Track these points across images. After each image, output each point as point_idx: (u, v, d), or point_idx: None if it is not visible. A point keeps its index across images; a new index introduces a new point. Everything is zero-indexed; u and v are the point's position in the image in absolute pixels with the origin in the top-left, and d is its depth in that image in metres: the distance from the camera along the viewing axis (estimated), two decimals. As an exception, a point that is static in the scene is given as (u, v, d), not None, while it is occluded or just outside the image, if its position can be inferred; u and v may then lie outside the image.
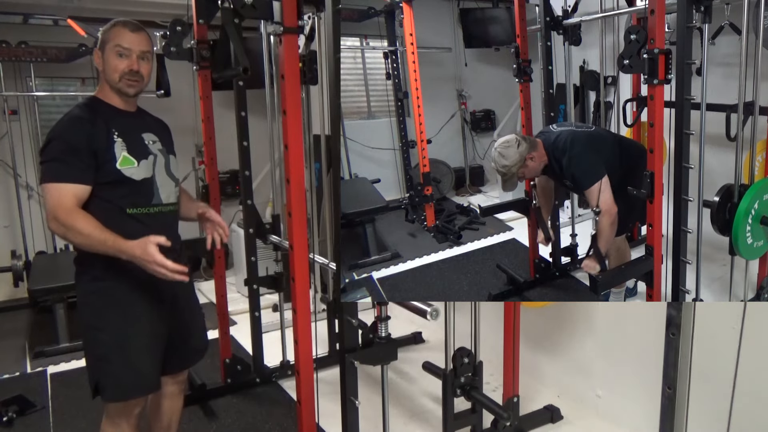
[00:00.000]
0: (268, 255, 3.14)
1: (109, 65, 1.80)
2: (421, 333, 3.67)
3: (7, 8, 4.07)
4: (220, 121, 2.95)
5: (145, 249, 1.61)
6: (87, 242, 1.67)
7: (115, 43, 1.79)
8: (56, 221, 1.66)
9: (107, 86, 1.84)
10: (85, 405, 2.88)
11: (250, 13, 2.02)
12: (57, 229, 1.67)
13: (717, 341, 2.17)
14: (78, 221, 1.66)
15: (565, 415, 2.74)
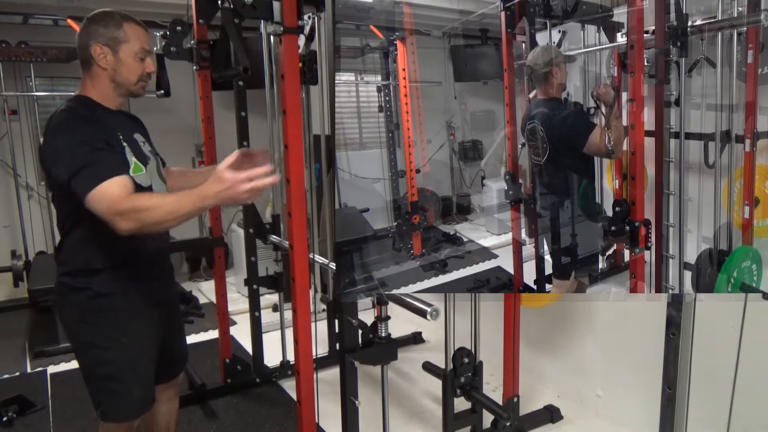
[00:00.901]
0: (268, 255, 3.14)
1: (126, 67, 1.68)
2: (421, 333, 3.67)
3: (7, 8, 4.07)
4: (220, 121, 2.95)
5: (223, 177, 1.45)
6: (165, 214, 1.48)
7: (138, 46, 1.68)
8: (123, 216, 1.46)
9: (106, 86, 1.69)
10: (85, 405, 2.85)
11: (250, 13, 2.01)
12: (128, 223, 1.47)
13: (717, 341, 2.17)
14: (142, 200, 1.50)
15: (565, 415, 2.74)
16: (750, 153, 2.89)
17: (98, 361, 1.73)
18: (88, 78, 1.70)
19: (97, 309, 1.70)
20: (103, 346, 1.71)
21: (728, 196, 2.87)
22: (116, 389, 1.74)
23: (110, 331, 1.71)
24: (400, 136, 5.06)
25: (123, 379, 1.73)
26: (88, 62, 1.68)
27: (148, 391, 1.82)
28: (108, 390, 1.74)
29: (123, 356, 1.72)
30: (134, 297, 1.74)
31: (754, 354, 2.07)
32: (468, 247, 5.17)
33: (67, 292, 1.73)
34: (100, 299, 1.69)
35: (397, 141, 5.44)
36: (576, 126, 2.58)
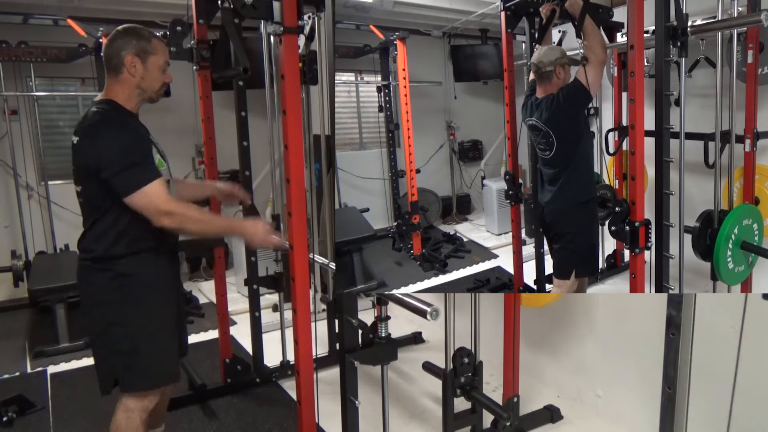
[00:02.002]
0: (268, 255, 3.14)
1: (152, 76, 1.88)
2: (421, 333, 3.67)
3: (7, 8, 4.07)
4: (220, 121, 2.95)
5: (261, 227, 1.90)
6: (203, 226, 1.83)
7: (163, 59, 1.91)
8: (170, 215, 1.74)
9: (131, 92, 1.87)
10: (85, 405, 2.88)
11: (250, 13, 2.02)
12: (172, 222, 1.75)
13: (717, 341, 2.17)
14: (190, 210, 1.79)
15: (565, 415, 2.74)
16: (750, 153, 2.89)
17: (117, 336, 1.84)
18: (115, 83, 1.87)
19: (117, 288, 1.83)
20: (121, 323, 1.83)
21: (728, 196, 2.88)
22: (132, 362, 1.85)
23: (130, 309, 1.84)
24: (400, 136, 5.07)
25: (141, 353, 1.84)
26: (118, 69, 1.85)
27: (168, 364, 1.94)
28: (123, 363, 1.85)
29: (143, 331, 1.85)
30: (153, 281, 1.87)
31: (754, 354, 2.07)
32: (468, 247, 5.18)
33: (88, 274, 1.86)
34: (120, 279, 1.82)
35: (397, 141, 5.44)
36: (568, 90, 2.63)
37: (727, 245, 2.54)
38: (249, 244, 1.88)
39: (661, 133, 2.26)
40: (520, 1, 3.16)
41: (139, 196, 1.72)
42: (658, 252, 2.30)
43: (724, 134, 2.80)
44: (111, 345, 1.86)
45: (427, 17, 5.17)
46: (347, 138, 5.98)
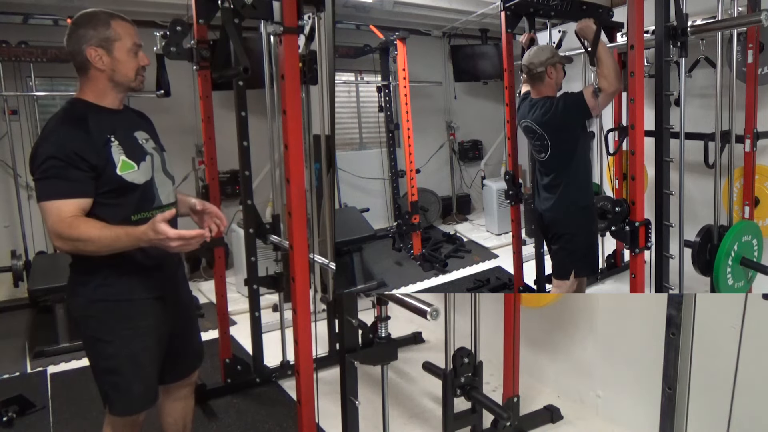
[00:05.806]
0: (268, 255, 3.14)
1: (123, 64, 1.70)
2: (421, 333, 3.67)
3: (7, 8, 4.07)
4: (220, 121, 2.95)
5: (156, 229, 1.50)
6: (100, 247, 1.57)
7: (130, 42, 1.70)
8: (61, 238, 1.56)
9: (104, 86, 1.71)
10: (85, 405, 2.88)
11: (250, 13, 2.02)
12: (64, 245, 1.57)
13: (717, 341, 2.17)
14: (82, 229, 1.55)
15: (565, 415, 2.74)
16: (750, 153, 2.90)
17: (102, 354, 1.76)
18: (85, 81, 1.71)
19: (101, 300, 1.72)
20: (106, 339, 1.74)
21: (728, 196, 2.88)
22: (117, 383, 1.76)
23: (113, 325, 1.73)
24: (400, 136, 5.08)
25: (123, 374, 1.75)
26: (85, 66, 1.69)
27: (148, 388, 1.82)
28: (111, 383, 1.77)
29: (124, 351, 1.74)
30: (135, 289, 1.75)
31: (754, 354, 2.07)
32: (468, 247, 5.18)
33: (73, 286, 1.76)
34: (103, 289, 1.71)
35: (397, 141, 5.44)
36: (569, 102, 2.58)
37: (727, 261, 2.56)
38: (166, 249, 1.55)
39: (661, 133, 2.26)
40: (520, 1, 3.16)
41: (42, 208, 1.58)
42: (658, 252, 2.30)
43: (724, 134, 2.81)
44: (96, 361, 1.78)
45: (427, 17, 5.17)
46: (347, 138, 5.98)
